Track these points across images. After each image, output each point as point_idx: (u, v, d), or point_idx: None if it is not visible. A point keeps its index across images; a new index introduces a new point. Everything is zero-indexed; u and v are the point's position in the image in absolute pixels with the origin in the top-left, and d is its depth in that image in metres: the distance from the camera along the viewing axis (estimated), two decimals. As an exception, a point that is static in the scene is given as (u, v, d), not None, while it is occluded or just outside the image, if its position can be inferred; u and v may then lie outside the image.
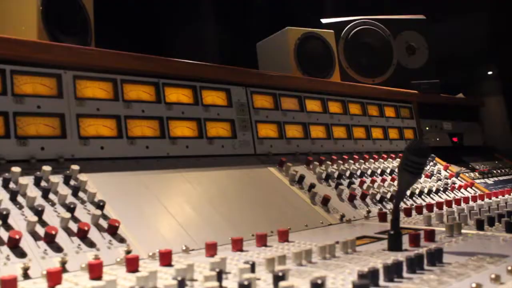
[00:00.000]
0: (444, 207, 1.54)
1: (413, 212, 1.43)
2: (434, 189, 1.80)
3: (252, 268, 0.74)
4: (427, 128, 2.27)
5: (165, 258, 0.84)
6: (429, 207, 1.48)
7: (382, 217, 1.31)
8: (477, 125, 2.65)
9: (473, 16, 2.76)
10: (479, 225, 1.15)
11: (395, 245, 0.92)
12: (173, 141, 1.34)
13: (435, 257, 0.81)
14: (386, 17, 2.26)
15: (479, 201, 1.70)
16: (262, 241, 0.99)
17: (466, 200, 1.66)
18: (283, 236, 1.03)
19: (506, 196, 1.80)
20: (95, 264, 0.76)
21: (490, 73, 2.87)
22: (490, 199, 1.75)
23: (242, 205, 1.24)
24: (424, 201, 1.71)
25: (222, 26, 2.51)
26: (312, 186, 1.42)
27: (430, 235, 1.01)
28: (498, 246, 0.97)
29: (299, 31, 1.94)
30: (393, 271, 0.71)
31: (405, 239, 0.97)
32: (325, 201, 1.39)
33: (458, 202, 1.61)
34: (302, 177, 1.45)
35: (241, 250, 0.95)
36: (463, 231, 1.13)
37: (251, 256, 0.90)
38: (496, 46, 2.75)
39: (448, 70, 2.83)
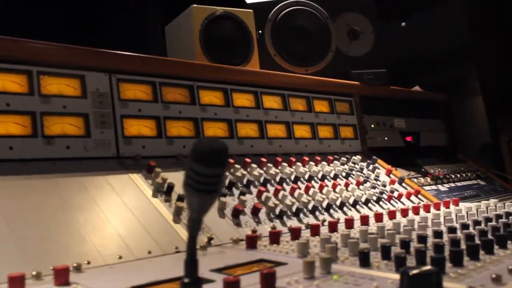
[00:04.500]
0: (357, 225, 1.23)
1: (306, 233, 1.11)
2: (363, 199, 1.48)
3: None
4: (373, 126, 1.95)
5: None
6: (333, 225, 1.16)
7: (250, 241, 0.98)
8: (439, 123, 2.32)
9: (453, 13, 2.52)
10: (363, 260, 0.83)
11: (189, 299, 0.61)
12: (-12, 141, 1.04)
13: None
14: (324, -4, 1.93)
15: (411, 215, 1.38)
16: (16, 285, 0.68)
17: (392, 214, 1.34)
18: (61, 277, 0.72)
19: (452, 207, 1.48)
20: None
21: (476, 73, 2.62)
22: (428, 212, 1.43)
23: (63, 227, 0.93)
24: (346, 214, 1.40)
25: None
26: (180, 198, 1.12)
27: (268, 279, 0.70)
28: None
29: (206, 9, 1.62)
30: None
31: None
32: (193, 218, 1.08)
33: (379, 217, 1.30)
34: (171, 187, 1.15)
35: (-30, 304, 0.64)
36: (338, 267, 0.82)
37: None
38: (475, 45, 2.49)
39: (425, 68, 2.59)
